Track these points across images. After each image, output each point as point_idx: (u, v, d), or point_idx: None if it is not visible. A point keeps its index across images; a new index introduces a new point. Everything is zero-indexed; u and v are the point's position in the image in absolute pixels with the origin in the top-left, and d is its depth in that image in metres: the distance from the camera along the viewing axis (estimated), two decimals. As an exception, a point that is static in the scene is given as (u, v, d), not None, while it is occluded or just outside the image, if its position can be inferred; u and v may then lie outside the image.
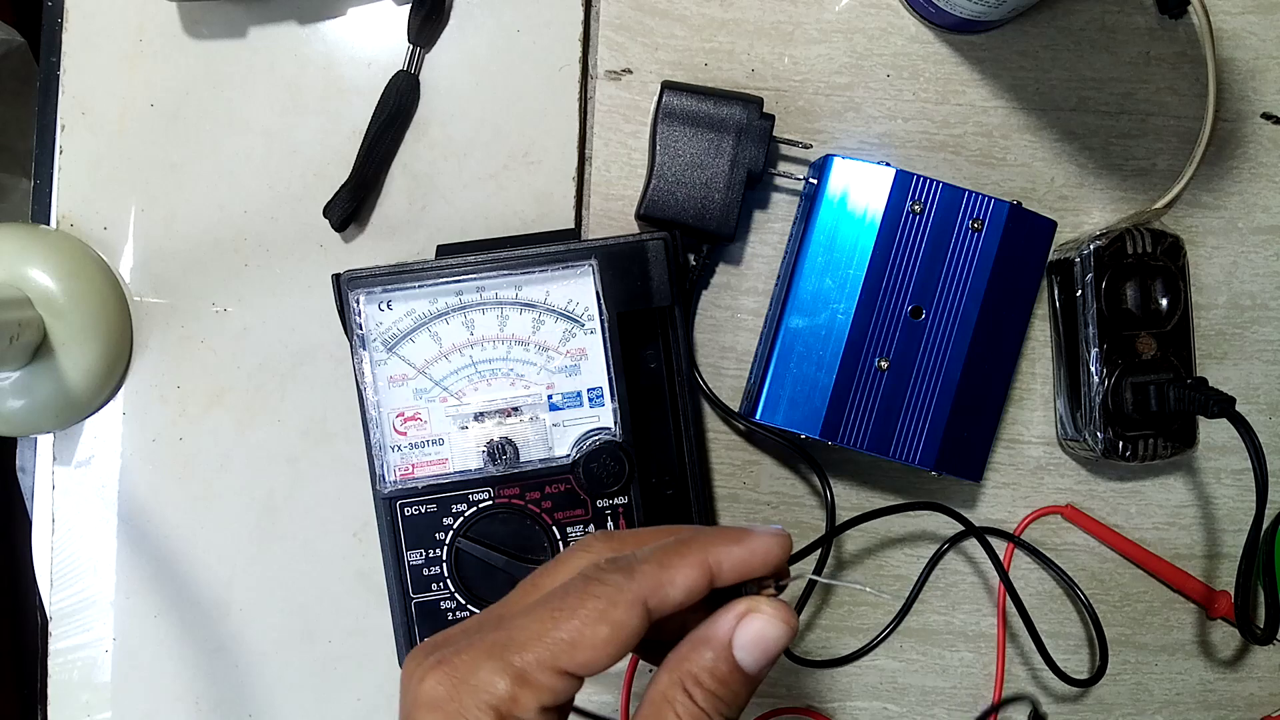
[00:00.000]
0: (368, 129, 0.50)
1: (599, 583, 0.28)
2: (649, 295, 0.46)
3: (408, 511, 0.46)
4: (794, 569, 0.31)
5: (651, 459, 0.48)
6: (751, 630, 0.29)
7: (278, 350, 0.51)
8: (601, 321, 0.46)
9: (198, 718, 0.51)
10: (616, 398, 0.46)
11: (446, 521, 0.46)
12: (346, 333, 0.46)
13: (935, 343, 0.46)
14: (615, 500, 0.46)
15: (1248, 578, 0.47)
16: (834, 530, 0.48)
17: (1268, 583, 0.49)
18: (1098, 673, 0.51)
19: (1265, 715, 0.53)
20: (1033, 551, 0.52)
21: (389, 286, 0.45)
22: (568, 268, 0.45)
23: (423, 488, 0.46)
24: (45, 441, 0.51)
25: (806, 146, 0.50)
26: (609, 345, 0.46)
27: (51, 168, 0.51)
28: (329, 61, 0.51)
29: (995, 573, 0.52)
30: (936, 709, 0.52)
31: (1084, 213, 0.52)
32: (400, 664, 0.46)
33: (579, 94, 0.51)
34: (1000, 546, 0.52)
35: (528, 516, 0.46)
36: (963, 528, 0.49)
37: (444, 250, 0.48)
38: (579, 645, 0.27)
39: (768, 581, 0.30)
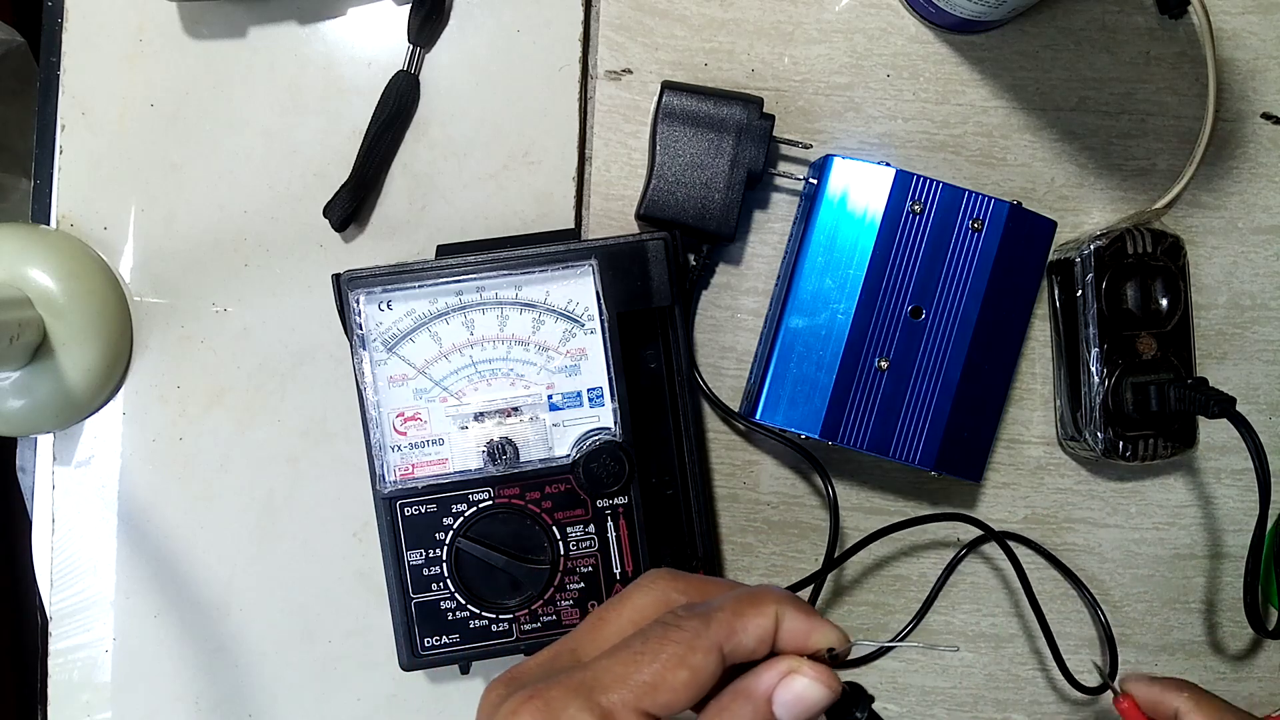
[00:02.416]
0: (368, 129, 0.50)
1: (677, 628, 0.29)
2: (649, 295, 0.46)
3: (408, 511, 0.46)
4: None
5: (651, 459, 0.48)
6: (793, 690, 0.29)
7: (278, 350, 0.51)
8: (601, 321, 0.46)
9: (198, 718, 0.51)
10: (616, 398, 0.46)
11: (446, 521, 0.46)
12: (346, 333, 0.46)
13: (935, 343, 0.46)
14: (615, 500, 0.46)
15: (1255, 577, 0.47)
16: (865, 540, 0.48)
17: None
18: (1106, 682, 0.51)
19: (1265, 715, 0.53)
20: (1047, 555, 0.52)
21: (389, 286, 0.45)
22: (568, 268, 0.45)
23: (423, 488, 0.46)
24: (45, 441, 0.51)
25: (806, 146, 0.50)
26: (609, 345, 0.46)
27: (51, 168, 0.51)
28: (329, 61, 0.51)
29: (994, 574, 0.52)
30: (936, 709, 0.52)
31: (1084, 213, 0.52)
32: (401, 664, 0.46)
33: (579, 94, 0.51)
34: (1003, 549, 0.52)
35: (528, 516, 0.46)
36: (978, 533, 0.49)
37: (444, 250, 0.48)
38: (660, 688, 0.28)
39: (820, 652, 0.30)
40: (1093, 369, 0.48)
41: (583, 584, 0.47)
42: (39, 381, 0.48)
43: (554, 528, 0.46)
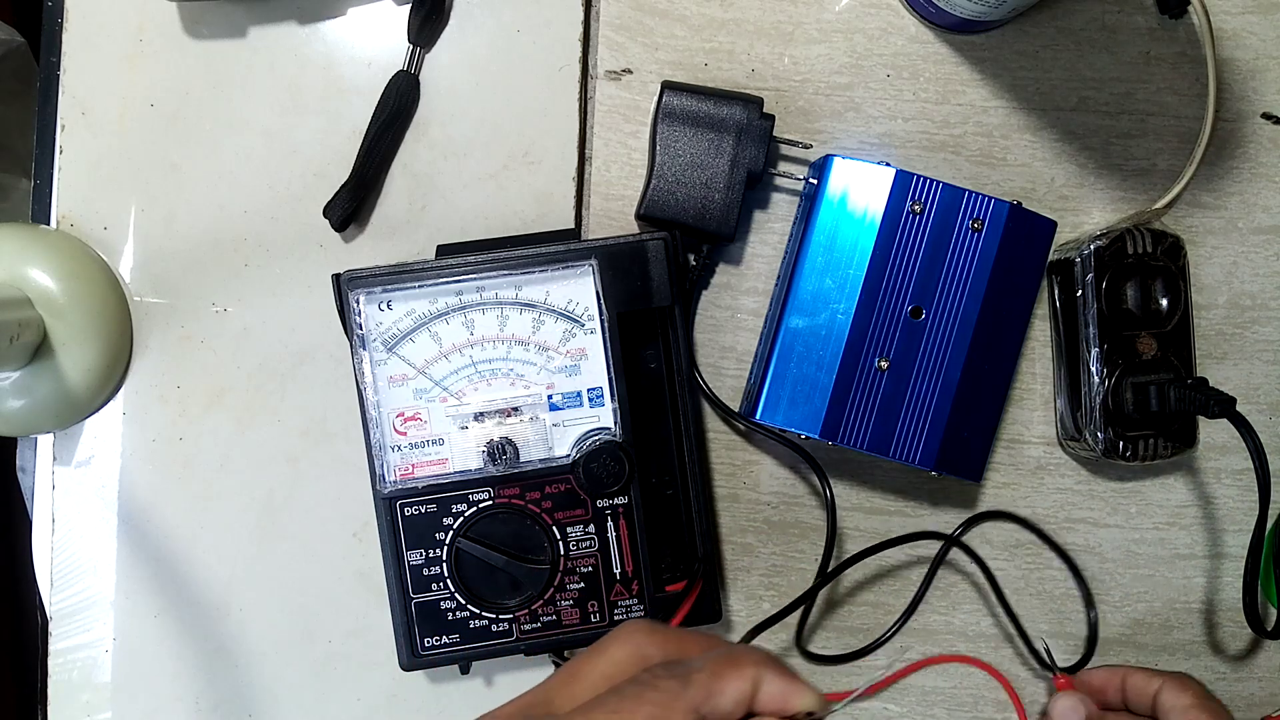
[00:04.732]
0: (368, 129, 0.50)
1: (654, 688, 0.29)
2: (649, 295, 0.46)
3: (408, 511, 0.46)
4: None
5: (651, 459, 0.48)
6: None
7: (278, 350, 0.51)
8: (601, 321, 0.46)
9: (198, 718, 0.51)
10: (616, 398, 0.46)
11: (446, 521, 0.46)
12: (346, 333, 0.46)
13: (935, 343, 0.46)
14: (615, 500, 0.46)
15: (1254, 577, 0.47)
16: (827, 576, 0.49)
17: None
18: (1084, 659, 0.51)
19: (1265, 715, 0.53)
20: (1037, 531, 0.52)
21: (389, 286, 0.45)
22: (568, 268, 0.45)
23: (423, 488, 0.46)
24: (45, 441, 0.51)
25: (806, 146, 0.50)
26: (609, 345, 0.46)
27: (51, 168, 0.51)
28: (329, 61, 0.51)
29: (996, 572, 0.52)
30: (936, 709, 0.52)
31: (1084, 213, 0.52)
32: (401, 664, 0.46)
33: (579, 94, 0.51)
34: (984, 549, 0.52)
35: (528, 516, 0.46)
36: (943, 540, 0.50)
37: (444, 250, 0.48)
38: None
39: (799, 716, 0.30)
40: (1093, 369, 0.48)
41: (583, 584, 0.47)
42: (39, 381, 0.48)
43: (554, 528, 0.46)
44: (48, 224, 0.51)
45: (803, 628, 0.51)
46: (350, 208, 0.49)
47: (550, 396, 0.46)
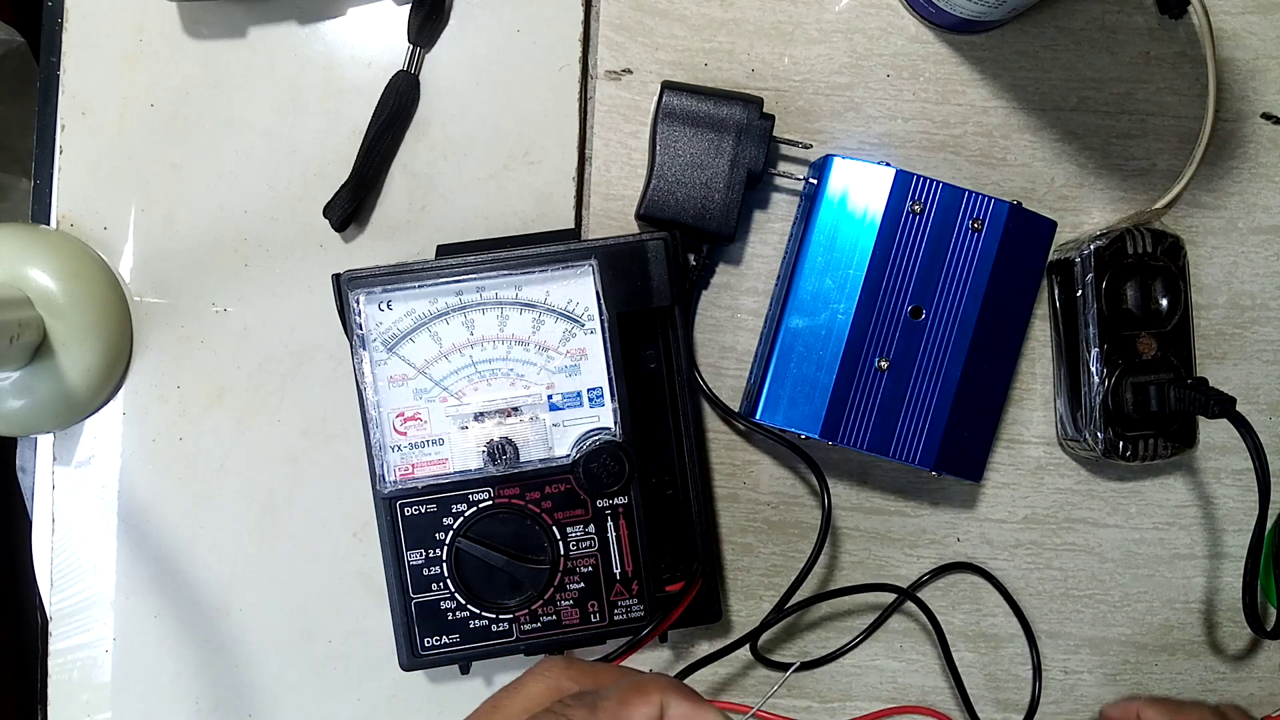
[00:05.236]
0: (368, 129, 0.50)
1: (564, 718, 0.30)
2: (649, 295, 0.46)
3: (408, 511, 0.46)
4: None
5: (651, 459, 0.48)
6: None
7: (278, 350, 0.51)
8: (601, 321, 0.46)
9: (198, 718, 0.51)
10: (616, 398, 0.46)
11: (446, 521, 0.46)
12: (346, 333, 0.46)
13: (935, 343, 0.46)
14: (615, 500, 0.46)
15: (1254, 577, 0.47)
16: (781, 612, 0.49)
17: None
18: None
19: (1265, 715, 0.53)
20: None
21: (389, 286, 0.45)
22: (568, 268, 0.45)
23: (423, 488, 0.46)
24: (45, 441, 0.51)
25: (806, 146, 0.50)
26: (609, 345, 0.46)
27: (51, 168, 0.51)
28: (329, 61, 0.51)
29: (995, 572, 0.52)
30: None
31: (1084, 213, 0.52)
32: (401, 664, 0.46)
33: (579, 94, 0.51)
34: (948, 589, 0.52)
35: (528, 516, 0.46)
36: (932, 567, 0.49)
37: (444, 250, 0.48)
38: None
39: None
40: (1093, 369, 0.48)
41: (583, 584, 0.47)
42: (39, 381, 0.48)
43: (554, 528, 0.46)
44: (48, 224, 0.51)
45: (756, 639, 0.50)
46: (350, 208, 0.49)
47: (550, 396, 0.46)
